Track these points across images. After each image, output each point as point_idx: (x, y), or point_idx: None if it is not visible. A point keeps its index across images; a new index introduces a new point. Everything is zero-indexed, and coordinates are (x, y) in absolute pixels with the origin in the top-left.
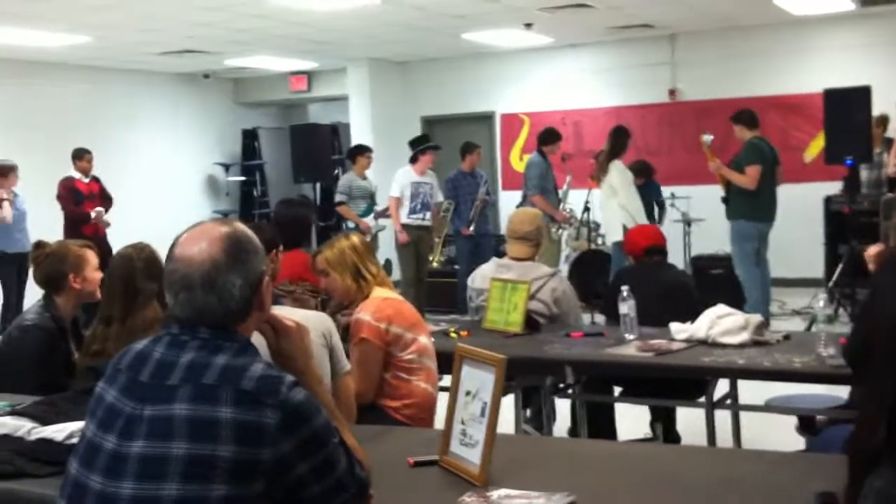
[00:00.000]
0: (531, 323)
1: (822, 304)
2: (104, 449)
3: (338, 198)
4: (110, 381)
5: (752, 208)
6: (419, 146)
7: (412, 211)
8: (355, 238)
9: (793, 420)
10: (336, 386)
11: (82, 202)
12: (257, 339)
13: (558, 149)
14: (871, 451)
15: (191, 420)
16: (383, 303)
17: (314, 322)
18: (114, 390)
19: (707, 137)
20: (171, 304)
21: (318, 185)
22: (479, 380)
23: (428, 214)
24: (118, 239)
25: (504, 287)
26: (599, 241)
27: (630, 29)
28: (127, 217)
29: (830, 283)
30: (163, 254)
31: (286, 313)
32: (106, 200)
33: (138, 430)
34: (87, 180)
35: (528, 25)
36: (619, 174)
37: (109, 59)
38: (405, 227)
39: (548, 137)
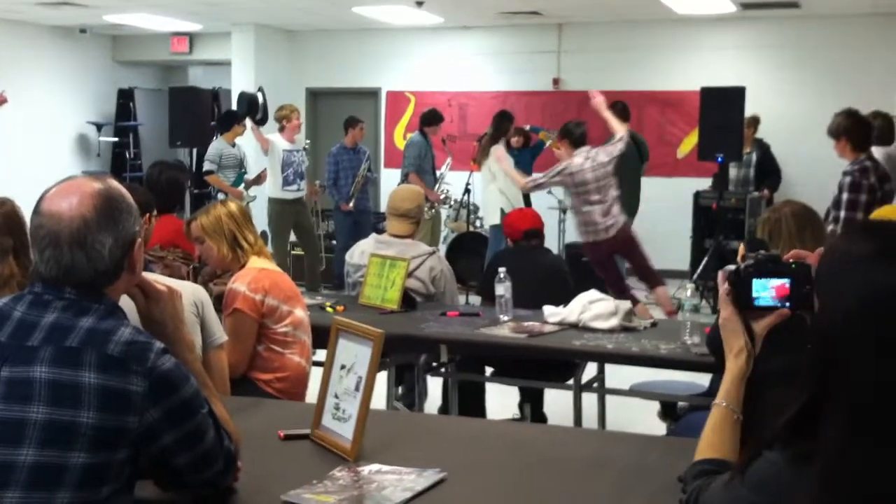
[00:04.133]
0: (408, 300)
1: (689, 294)
2: None
3: (207, 166)
4: None
5: None
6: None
7: (285, 182)
8: (233, 205)
9: (655, 406)
10: (209, 359)
11: None
12: (127, 304)
13: (440, 130)
14: (776, 430)
15: (51, 384)
16: (260, 273)
17: (187, 291)
18: None
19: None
20: (35, 262)
21: (194, 151)
22: (355, 354)
23: (303, 184)
24: None
25: (383, 263)
26: (478, 223)
27: (519, 15)
28: None
29: (695, 276)
30: (27, 210)
31: (158, 280)
32: None
33: None
34: None
35: (420, 3)
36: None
37: None
38: (278, 200)
39: (430, 118)
